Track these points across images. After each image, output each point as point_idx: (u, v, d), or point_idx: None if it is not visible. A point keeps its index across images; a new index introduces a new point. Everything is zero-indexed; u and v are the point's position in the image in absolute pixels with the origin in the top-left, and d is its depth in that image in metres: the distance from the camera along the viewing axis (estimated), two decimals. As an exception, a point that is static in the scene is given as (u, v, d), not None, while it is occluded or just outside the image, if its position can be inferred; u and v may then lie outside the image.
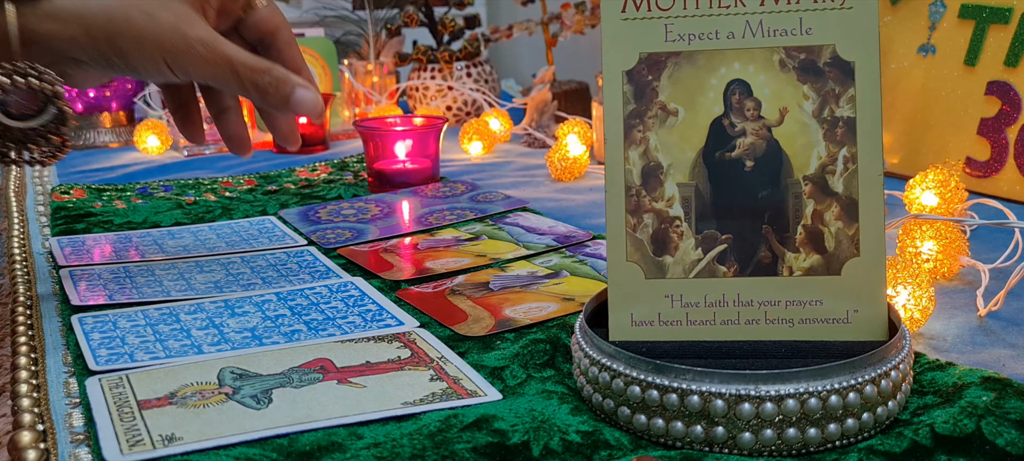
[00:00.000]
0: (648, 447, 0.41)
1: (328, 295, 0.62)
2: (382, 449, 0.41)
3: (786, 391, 0.39)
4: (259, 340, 0.54)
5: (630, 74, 0.47)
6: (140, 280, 0.65)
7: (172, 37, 0.57)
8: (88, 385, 0.48)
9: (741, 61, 0.47)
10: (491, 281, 0.64)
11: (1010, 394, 0.42)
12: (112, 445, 0.42)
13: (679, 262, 0.47)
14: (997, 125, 0.82)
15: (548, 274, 0.65)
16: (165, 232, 0.79)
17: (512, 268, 0.67)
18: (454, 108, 1.37)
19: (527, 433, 0.42)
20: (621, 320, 0.47)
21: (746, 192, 0.47)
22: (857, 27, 0.46)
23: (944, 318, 0.56)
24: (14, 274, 0.67)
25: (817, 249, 0.46)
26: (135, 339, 0.54)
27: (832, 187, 0.46)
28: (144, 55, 0.58)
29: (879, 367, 0.41)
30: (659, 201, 0.47)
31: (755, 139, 0.47)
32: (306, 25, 2.85)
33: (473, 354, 0.52)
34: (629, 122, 0.47)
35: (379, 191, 0.92)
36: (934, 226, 0.62)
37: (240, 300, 0.61)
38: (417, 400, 0.46)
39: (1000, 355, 0.50)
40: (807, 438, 0.40)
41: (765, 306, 0.46)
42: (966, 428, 0.40)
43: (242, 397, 0.46)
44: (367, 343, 0.53)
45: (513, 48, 2.38)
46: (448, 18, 1.40)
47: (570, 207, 0.86)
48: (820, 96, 0.46)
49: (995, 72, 0.83)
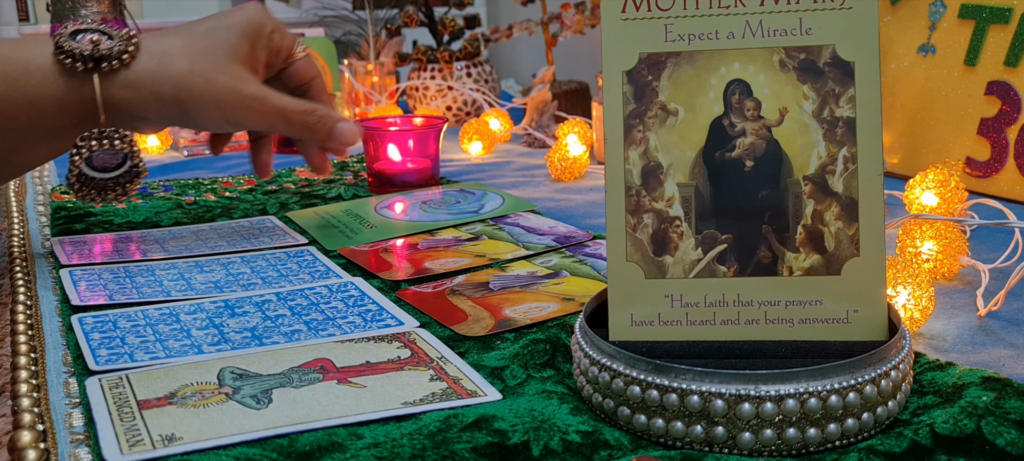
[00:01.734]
0: (648, 447, 0.41)
1: (328, 295, 0.62)
2: (382, 449, 0.41)
3: (786, 391, 0.39)
4: (259, 340, 0.54)
5: (630, 74, 0.47)
6: (140, 280, 0.66)
7: (229, 98, 0.67)
8: (88, 385, 0.48)
9: (741, 61, 0.47)
10: (491, 281, 0.64)
11: (1010, 394, 0.42)
12: (112, 445, 0.42)
13: (679, 262, 0.47)
14: (997, 125, 0.82)
15: (548, 274, 0.65)
16: (165, 232, 0.79)
17: (512, 268, 0.67)
18: (454, 108, 1.37)
19: (527, 433, 0.42)
20: (621, 320, 0.47)
21: (746, 192, 0.47)
22: (857, 27, 0.46)
23: (944, 318, 0.56)
24: (14, 274, 0.67)
25: (817, 249, 0.46)
26: (135, 339, 0.54)
27: (832, 187, 0.46)
28: (206, 115, 0.68)
29: (879, 367, 0.41)
30: (659, 201, 0.47)
31: (755, 139, 0.47)
32: (306, 25, 2.85)
33: (473, 354, 0.52)
34: (629, 122, 0.47)
35: (379, 191, 0.92)
36: (934, 226, 0.62)
37: (240, 300, 0.61)
38: (417, 400, 0.46)
39: (1000, 355, 0.50)
40: (807, 438, 0.40)
41: (765, 306, 0.46)
42: (966, 428, 0.40)
43: (242, 397, 0.46)
44: (367, 343, 0.53)
45: (513, 48, 2.38)
46: (448, 18, 1.40)
47: (570, 207, 0.86)
48: (820, 96, 0.46)
49: (995, 72, 0.83)
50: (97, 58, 0.64)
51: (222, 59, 0.68)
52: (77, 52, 0.63)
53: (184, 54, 0.66)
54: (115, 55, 0.64)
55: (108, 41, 0.65)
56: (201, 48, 0.67)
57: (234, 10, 0.71)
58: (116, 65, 0.64)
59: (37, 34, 0.68)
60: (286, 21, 3.63)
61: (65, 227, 0.81)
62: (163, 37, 0.68)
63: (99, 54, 0.64)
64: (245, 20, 0.70)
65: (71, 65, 0.63)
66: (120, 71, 0.64)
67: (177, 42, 0.67)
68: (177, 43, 0.67)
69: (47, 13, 1.36)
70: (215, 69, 0.67)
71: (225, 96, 0.67)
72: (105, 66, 0.64)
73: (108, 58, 0.64)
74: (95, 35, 0.65)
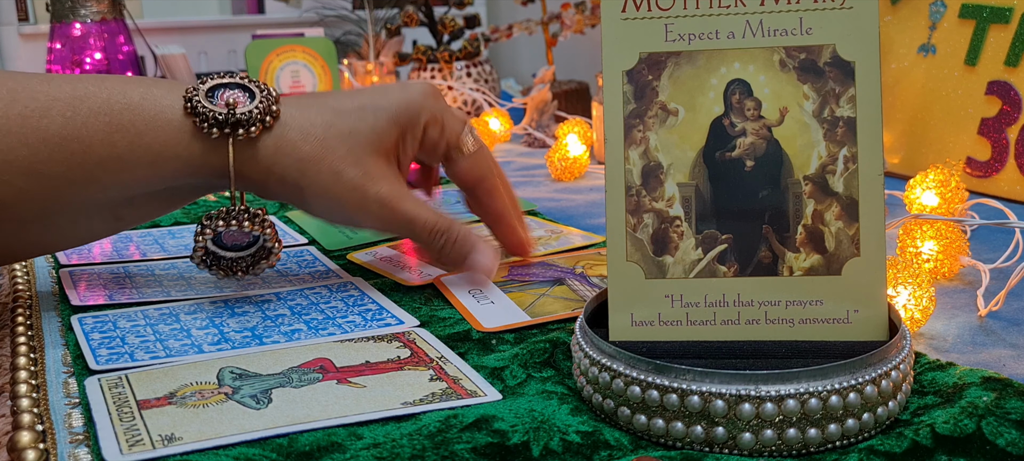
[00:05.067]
0: (648, 447, 0.41)
1: (328, 295, 0.62)
2: (382, 449, 0.41)
3: (786, 391, 0.39)
4: (259, 340, 0.54)
5: (630, 74, 0.47)
6: (140, 280, 0.65)
7: (352, 197, 0.59)
8: (87, 385, 0.48)
9: (741, 61, 0.47)
10: None
11: (1011, 394, 0.42)
12: (112, 445, 0.42)
13: (679, 262, 0.47)
14: (997, 125, 0.82)
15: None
16: (165, 232, 0.79)
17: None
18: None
19: (527, 433, 0.42)
20: (621, 320, 0.47)
21: (746, 192, 0.46)
22: (857, 27, 0.46)
23: (944, 318, 0.56)
24: (14, 274, 0.67)
25: (817, 249, 0.46)
26: (135, 339, 0.54)
27: (832, 187, 0.46)
28: (323, 207, 0.61)
29: (879, 367, 0.41)
30: (659, 201, 0.47)
31: (755, 139, 0.47)
32: (306, 25, 2.85)
33: (473, 354, 0.52)
34: (629, 122, 0.47)
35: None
36: (934, 226, 0.62)
37: (240, 300, 0.61)
38: (417, 400, 0.46)
39: (1001, 355, 0.50)
40: (807, 438, 0.40)
41: (765, 306, 0.46)
42: (967, 428, 0.40)
43: (242, 397, 0.46)
44: (367, 343, 0.53)
45: (513, 48, 2.38)
46: (448, 18, 1.40)
47: (570, 207, 0.86)
48: (820, 96, 0.46)
49: (995, 72, 0.83)
50: (233, 123, 0.57)
51: (359, 147, 0.59)
52: (212, 115, 0.56)
53: (320, 135, 0.59)
54: (253, 120, 0.57)
55: (247, 103, 0.58)
56: (341, 129, 0.59)
57: (396, 87, 0.63)
58: (255, 131, 0.57)
59: (169, 81, 0.60)
60: (285, 21, 3.65)
61: (65, 227, 0.81)
62: (307, 107, 0.60)
63: (235, 118, 0.57)
64: (401, 104, 0.62)
65: (207, 129, 0.56)
66: (255, 139, 0.58)
67: (318, 118, 0.59)
68: (318, 119, 0.59)
69: (46, 13, 1.37)
70: (347, 159, 0.59)
71: (347, 195, 0.59)
72: (241, 133, 0.57)
73: (246, 124, 0.57)
74: (234, 93, 0.58)
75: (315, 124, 0.59)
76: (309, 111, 0.59)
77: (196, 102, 0.57)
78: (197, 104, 0.57)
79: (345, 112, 0.60)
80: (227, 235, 0.60)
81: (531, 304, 0.59)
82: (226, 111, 0.57)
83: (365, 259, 0.70)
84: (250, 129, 0.57)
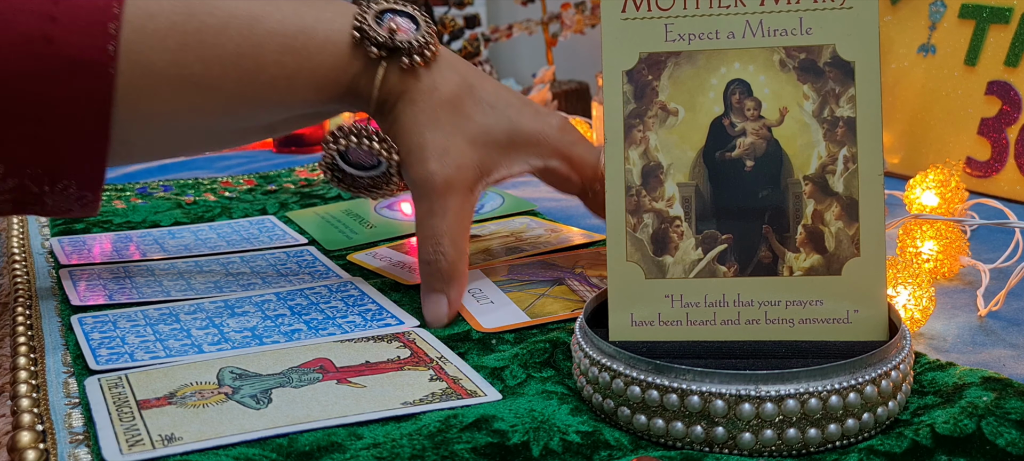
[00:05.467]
0: (648, 447, 0.41)
1: (328, 295, 0.62)
2: (382, 449, 0.41)
3: (786, 391, 0.39)
4: (259, 340, 0.54)
5: (630, 74, 0.47)
6: (140, 280, 0.65)
7: (418, 218, 0.58)
8: (87, 385, 0.48)
9: (741, 61, 0.47)
10: None
11: (1010, 394, 0.42)
12: (112, 445, 0.42)
13: (679, 262, 0.47)
14: (997, 125, 0.82)
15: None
16: (165, 232, 0.79)
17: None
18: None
19: (527, 433, 0.42)
20: (621, 320, 0.47)
21: (746, 192, 0.47)
22: (857, 27, 0.46)
23: (944, 318, 0.56)
24: (14, 274, 0.67)
25: (817, 249, 0.46)
26: (135, 339, 0.54)
27: (832, 187, 0.46)
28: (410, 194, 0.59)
29: (879, 367, 0.41)
30: (659, 201, 0.47)
31: (755, 139, 0.47)
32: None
33: (473, 354, 0.52)
34: (629, 122, 0.47)
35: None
36: (934, 226, 0.62)
37: (240, 300, 0.61)
38: (417, 400, 0.46)
39: (1001, 355, 0.50)
40: (807, 438, 0.40)
41: (765, 306, 0.46)
42: (966, 428, 0.40)
43: (242, 397, 0.46)
44: (367, 343, 0.53)
45: (513, 48, 2.38)
46: (448, 18, 1.40)
47: (570, 207, 0.86)
48: (820, 96, 0.46)
49: (995, 72, 0.83)
50: (392, 48, 0.56)
51: (459, 162, 0.57)
52: (377, 38, 0.56)
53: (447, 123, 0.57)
54: (416, 49, 0.56)
55: (410, 30, 0.57)
56: (467, 134, 0.57)
57: (533, 114, 0.61)
58: (419, 61, 0.56)
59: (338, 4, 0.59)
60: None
61: (64, 227, 0.81)
62: (454, 69, 0.58)
63: (395, 44, 0.56)
64: (526, 134, 0.60)
65: (375, 54, 0.56)
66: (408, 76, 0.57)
67: (462, 92, 0.58)
68: (462, 93, 0.58)
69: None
70: (437, 169, 0.56)
71: (417, 217, 0.58)
72: (405, 62, 0.56)
73: (408, 52, 0.56)
74: (399, 19, 0.57)
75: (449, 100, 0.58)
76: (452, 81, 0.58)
77: (366, 26, 0.56)
78: (367, 28, 0.56)
79: (484, 106, 0.59)
80: (353, 152, 0.59)
81: (531, 304, 0.59)
82: (387, 35, 0.56)
83: (365, 259, 0.70)
84: (415, 58, 0.56)
